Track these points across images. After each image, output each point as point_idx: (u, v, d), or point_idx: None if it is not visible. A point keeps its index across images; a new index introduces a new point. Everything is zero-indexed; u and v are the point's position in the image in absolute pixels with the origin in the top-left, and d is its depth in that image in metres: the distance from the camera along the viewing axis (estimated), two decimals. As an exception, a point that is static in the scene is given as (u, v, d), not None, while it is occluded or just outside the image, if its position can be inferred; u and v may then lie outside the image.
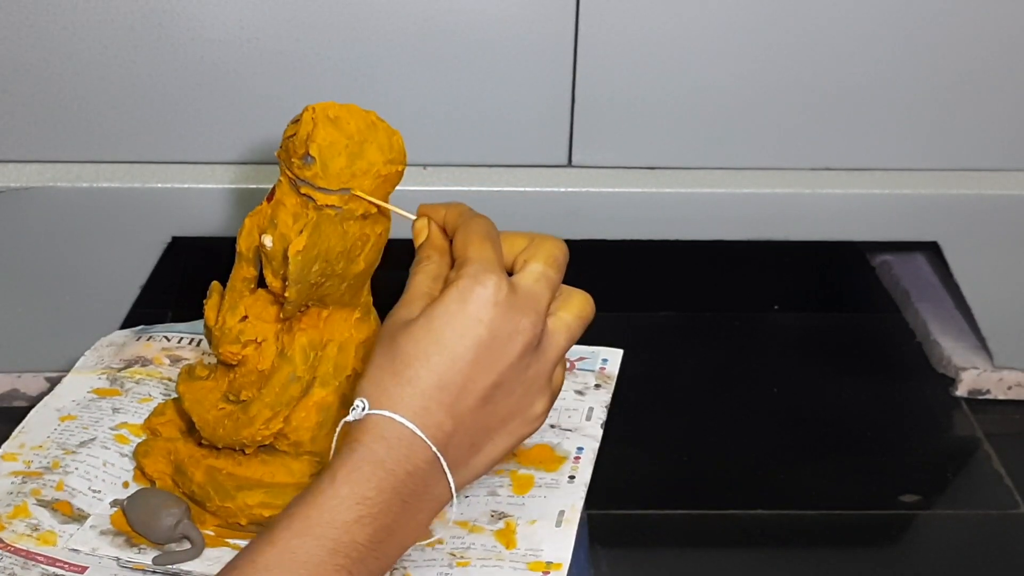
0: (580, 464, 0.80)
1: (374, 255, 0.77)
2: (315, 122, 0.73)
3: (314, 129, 0.73)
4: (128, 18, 1.09)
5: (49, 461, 0.83)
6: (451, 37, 1.11)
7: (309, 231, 0.73)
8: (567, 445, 0.82)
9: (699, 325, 1.36)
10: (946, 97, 1.16)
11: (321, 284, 0.75)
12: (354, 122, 0.74)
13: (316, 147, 0.73)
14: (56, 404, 0.89)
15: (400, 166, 0.74)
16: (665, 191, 1.16)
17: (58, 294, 1.16)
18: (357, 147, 0.73)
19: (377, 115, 0.75)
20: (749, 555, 1.06)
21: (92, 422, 0.87)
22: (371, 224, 0.75)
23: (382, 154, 0.74)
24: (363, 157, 0.73)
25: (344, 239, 0.74)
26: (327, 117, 0.74)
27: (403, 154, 0.75)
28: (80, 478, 0.82)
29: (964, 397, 1.25)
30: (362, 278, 0.77)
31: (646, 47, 1.13)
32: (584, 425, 0.83)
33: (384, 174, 0.74)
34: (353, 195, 0.73)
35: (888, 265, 1.44)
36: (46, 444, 0.85)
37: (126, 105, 1.12)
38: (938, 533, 1.08)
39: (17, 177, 1.12)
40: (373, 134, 0.74)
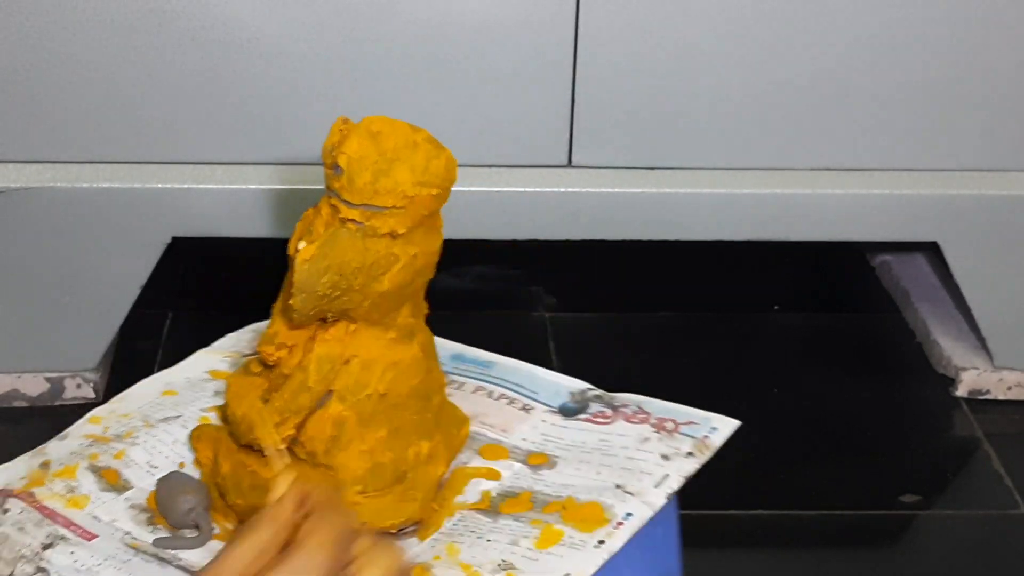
0: (619, 531, 0.76)
1: (405, 276, 0.75)
2: (344, 133, 0.73)
3: (345, 141, 0.72)
4: (129, 18, 1.09)
5: (125, 430, 0.84)
6: (451, 38, 1.11)
7: (321, 241, 0.73)
8: (619, 508, 0.77)
9: (699, 325, 1.36)
10: (946, 97, 1.16)
11: (336, 297, 0.74)
12: (394, 139, 0.73)
13: (345, 159, 0.72)
14: (168, 378, 0.90)
15: (434, 190, 0.73)
16: (665, 191, 1.16)
17: (58, 294, 1.16)
18: (386, 164, 0.72)
19: (428, 135, 0.74)
20: (749, 555, 1.06)
21: (188, 401, 0.87)
22: (402, 244, 0.74)
23: (412, 175, 0.72)
24: (390, 175, 0.72)
25: (364, 255, 0.73)
26: (368, 131, 0.73)
27: (440, 178, 0.73)
28: (143, 451, 0.83)
29: (964, 397, 1.25)
30: (390, 298, 0.75)
31: (646, 48, 1.13)
32: (649, 491, 0.78)
33: (411, 195, 0.72)
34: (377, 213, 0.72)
35: (888, 265, 1.45)
36: (133, 414, 0.86)
37: (126, 106, 1.12)
38: (938, 533, 1.08)
39: (17, 177, 1.12)
40: (409, 153, 0.73)
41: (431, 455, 0.78)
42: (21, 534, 0.78)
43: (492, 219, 1.16)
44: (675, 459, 0.80)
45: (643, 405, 0.85)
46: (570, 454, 0.82)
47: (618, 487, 0.78)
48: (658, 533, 0.79)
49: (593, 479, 0.79)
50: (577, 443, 0.82)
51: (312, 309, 0.74)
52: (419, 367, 0.77)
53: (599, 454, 0.81)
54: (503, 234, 1.17)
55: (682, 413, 0.84)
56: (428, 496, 0.78)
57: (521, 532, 0.76)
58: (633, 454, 0.80)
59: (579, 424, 0.84)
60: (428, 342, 0.79)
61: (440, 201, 0.74)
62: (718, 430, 0.83)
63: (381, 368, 0.76)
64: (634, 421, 0.84)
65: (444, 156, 0.74)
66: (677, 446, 0.81)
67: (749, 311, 1.38)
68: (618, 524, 0.76)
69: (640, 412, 0.84)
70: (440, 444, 0.79)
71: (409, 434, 0.77)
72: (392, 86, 1.12)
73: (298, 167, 1.14)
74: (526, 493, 0.79)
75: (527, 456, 0.82)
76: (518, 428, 0.84)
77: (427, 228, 0.75)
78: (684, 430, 0.82)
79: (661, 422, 0.83)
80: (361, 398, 0.76)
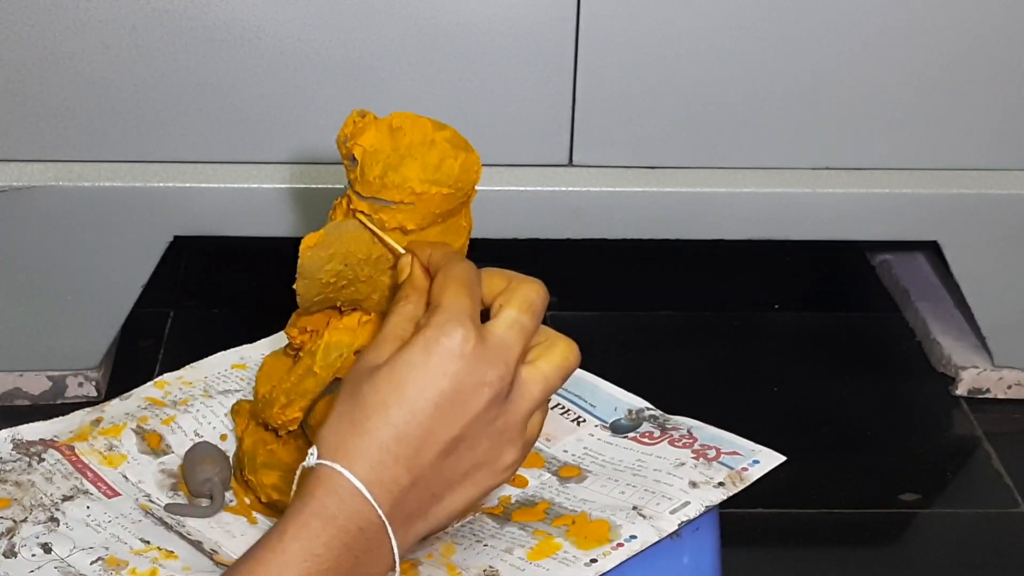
0: (616, 552, 0.74)
1: None
2: (357, 125, 0.73)
3: (363, 133, 0.72)
4: (130, 18, 1.09)
5: (183, 397, 0.86)
6: (452, 36, 1.11)
7: (327, 230, 0.73)
8: (625, 529, 0.76)
9: (699, 325, 1.36)
10: (946, 96, 1.16)
11: (342, 287, 0.74)
12: (412, 135, 0.73)
13: (360, 151, 0.72)
14: (243, 352, 0.91)
15: (445, 189, 0.72)
16: (665, 191, 1.16)
17: (60, 293, 1.16)
18: (398, 159, 0.72)
19: (453, 135, 0.74)
20: (749, 554, 1.06)
21: (254, 377, 0.88)
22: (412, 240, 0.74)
23: (422, 172, 0.72)
24: (399, 171, 0.72)
25: (370, 247, 0.73)
26: (389, 125, 0.73)
27: (452, 178, 0.73)
28: (193, 419, 0.85)
29: (964, 396, 1.25)
30: None
31: (647, 47, 1.13)
32: (663, 516, 0.77)
33: (419, 192, 0.72)
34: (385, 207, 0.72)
35: (888, 264, 1.45)
36: (196, 383, 0.88)
37: (128, 104, 1.12)
38: (938, 532, 1.08)
39: (19, 176, 1.13)
40: (423, 151, 0.73)
41: None
42: (47, 484, 0.80)
43: (493, 218, 1.16)
44: (703, 487, 0.78)
45: (693, 430, 0.83)
46: (604, 471, 0.81)
47: (634, 508, 0.77)
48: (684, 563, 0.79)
49: (616, 497, 0.78)
50: (615, 460, 0.82)
51: (316, 296, 0.74)
52: None
53: (630, 473, 0.80)
54: (504, 233, 1.17)
55: (728, 442, 0.82)
56: None
57: (520, 541, 0.76)
58: (663, 477, 0.79)
59: (625, 442, 0.83)
60: None
61: (453, 201, 0.74)
62: (760, 463, 0.81)
63: None
64: (677, 445, 0.82)
65: (463, 157, 0.73)
66: (711, 475, 0.79)
67: (749, 311, 1.38)
68: (617, 545, 0.74)
69: (687, 437, 0.83)
70: None
71: None
72: (393, 85, 1.12)
73: (300, 166, 1.14)
74: (544, 503, 0.79)
75: (560, 467, 0.82)
76: (564, 439, 0.84)
77: (445, 227, 0.75)
78: (724, 459, 0.80)
79: (704, 449, 0.81)
80: None
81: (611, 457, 0.82)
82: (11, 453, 0.83)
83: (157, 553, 0.76)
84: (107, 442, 0.83)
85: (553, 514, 0.78)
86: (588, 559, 0.74)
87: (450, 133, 0.74)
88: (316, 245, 0.73)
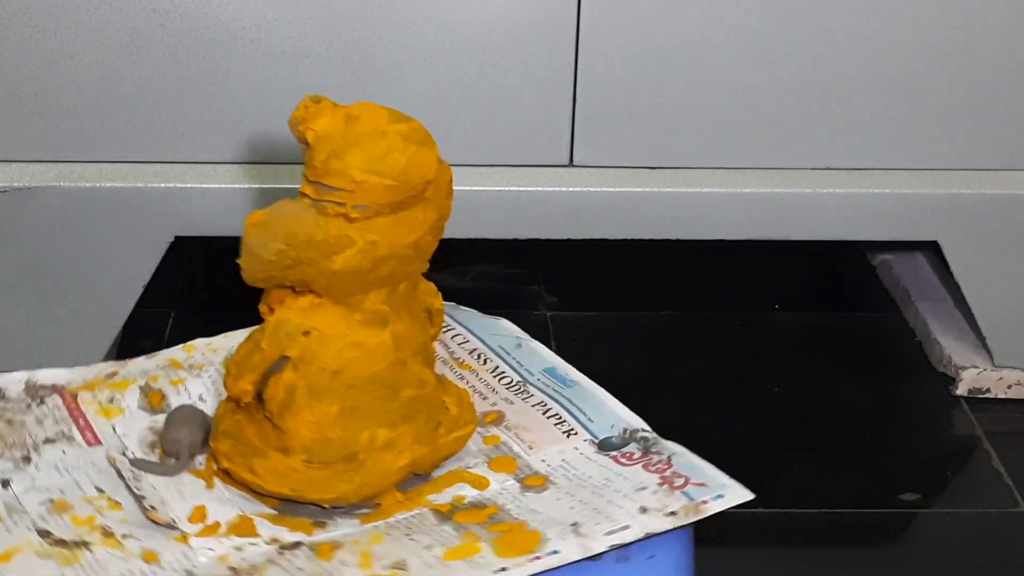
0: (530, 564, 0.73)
1: (361, 262, 0.75)
2: (308, 108, 0.74)
3: (316, 117, 0.74)
4: (131, 18, 1.09)
5: (201, 363, 0.88)
6: (452, 36, 1.11)
7: (271, 209, 0.74)
8: (552, 544, 0.74)
9: (699, 325, 1.36)
10: (947, 96, 1.16)
11: (287, 267, 0.75)
12: (365, 124, 0.74)
13: (313, 135, 0.74)
14: None
15: (387, 180, 0.73)
16: (665, 191, 1.17)
17: (60, 293, 1.16)
18: (343, 147, 0.73)
19: (412, 129, 0.74)
20: (749, 554, 1.06)
21: None
22: (359, 229, 0.74)
23: (364, 162, 0.73)
24: (342, 158, 0.73)
25: (314, 230, 0.74)
26: (347, 113, 0.74)
27: (397, 171, 0.73)
28: (201, 385, 0.86)
29: (964, 396, 1.25)
30: (348, 279, 0.76)
31: (647, 47, 1.13)
32: (596, 536, 0.75)
33: (358, 180, 0.73)
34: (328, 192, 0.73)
35: (888, 264, 1.45)
36: (221, 351, 0.89)
37: (129, 105, 1.12)
38: (937, 531, 1.08)
39: (20, 177, 1.13)
40: (371, 141, 0.74)
41: (389, 444, 0.79)
42: (36, 426, 0.82)
43: (493, 218, 1.16)
44: (652, 514, 0.77)
45: (674, 456, 0.82)
46: (568, 484, 0.80)
47: (573, 524, 0.76)
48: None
49: (563, 512, 0.77)
50: (583, 476, 0.81)
51: (260, 273, 0.76)
52: (385, 355, 0.78)
53: (590, 491, 0.79)
54: (504, 233, 1.18)
55: (701, 472, 0.80)
56: (378, 483, 0.78)
57: (445, 540, 0.75)
58: (618, 499, 0.78)
59: (603, 460, 0.83)
60: (410, 336, 0.79)
61: (398, 194, 0.74)
62: (724, 498, 0.79)
63: (339, 346, 0.77)
64: (650, 469, 0.81)
65: (412, 151, 0.74)
66: (667, 503, 0.77)
67: (749, 311, 1.39)
68: (534, 558, 0.73)
69: (665, 463, 0.82)
70: (406, 437, 0.79)
71: (365, 418, 0.78)
72: (393, 85, 1.12)
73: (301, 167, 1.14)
74: (492, 508, 0.79)
75: (528, 476, 0.82)
76: (547, 449, 0.84)
77: (396, 220, 0.75)
78: (689, 489, 0.79)
79: (674, 476, 0.80)
80: (313, 370, 0.77)
81: (582, 472, 0.81)
82: (19, 394, 0.86)
83: (105, 503, 0.78)
84: (111, 394, 0.84)
85: (496, 519, 0.77)
86: (500, 566, 0.73)
87: (407, 127, 0.75)
88: (259, 223, 0.74)
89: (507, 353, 0.93)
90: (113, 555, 0.74)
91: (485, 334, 0.95)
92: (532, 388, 0.89)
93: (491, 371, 0.90)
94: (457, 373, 0.91)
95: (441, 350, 0.92)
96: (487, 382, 0.90)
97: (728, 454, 1.16)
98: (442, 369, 0.90)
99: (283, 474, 0.78)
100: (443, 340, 0.94)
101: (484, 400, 0.88)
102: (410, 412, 0.80)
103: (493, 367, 0.91)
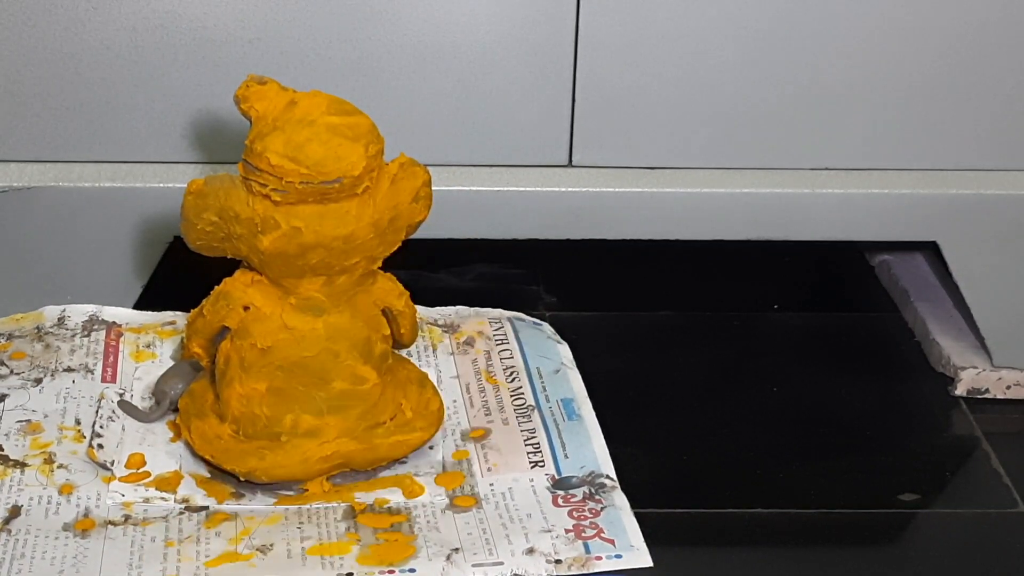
0: None
1: (286, 246, 0.76)
2: (250, 87, 0.75)
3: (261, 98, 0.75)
4: (131, 19, 1.09)
5: None
6: (452, 37, 1.11)
7: (207, 179, 0.76)
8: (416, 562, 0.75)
9: (699, 325, 1.36)
10: (946, 97, 1.16)
11: (221, 238, 0.77)
12: (300, 111, 0.75)
13: (254, 114, 0.75)
14: None
15: (303, 169, 0.73)
16: (665, 191, 1.17)
17: (60, 294, 1.16)
18: (268, 130, 0.74)
19: (350, 124, 0.75)
20: (749, 554, 1.06)
21: None
22: (283, 213, 0.75)
23: (282, 147, 0.74)
24: (263, 141, 0.74)
25: (243, 207, 0.75)
26: (291, 98, 0.75)
27: (312, 162, 0.74)
28: None
29: (963, 396, 1.25)
30: (277, 261, 0.77)
31: (647, 47, 1.13)
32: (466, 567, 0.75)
33: (274, 165, 0.74)
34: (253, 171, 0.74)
35: (887, 265, 1.45)
36: None
37: (129, 104, 1.12)
38: (937, 532, 1.08)
39: (19, 176, 1.13)
40: (296, 128, 0.74)
41: (312, 432, 0.79)
42: (67, 355, 0.88)
43: (492, 218, 1.16)
44: (535, 557, 0.76)
45: (607, 509, 0.81)
46: (494, 512, 0.80)
47: (455, 550, 0.76)
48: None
49: (459, 536, 0.77)
50: (513, 507, 0.81)
51: (198, 241, 0.77)
52: (315, 344, 0.79)
53: (504, 522, 0.79)
54: (503, 233, 1.18)
55: (618, 530, 0.80)
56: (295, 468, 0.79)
57: (326, 536, 0.76)
58: (517, 535, 0.77)
59: (546, 496, 0.82)
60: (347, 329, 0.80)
61: (314, 184, 0.74)
62: (620, 559, 0.79)
63: (271, 326, 0.78)
64: (573, 515, 0.81)
65: (335, 143, 0.75)
66: (559, 550, 0.77)
67: (749, 311, 1.38)
68: (387, 572, 0.74)
69: (594, 512, 0.81)
70: (332, 428, 0.80)
71: (291, 401, 0.79)
72: (393, 85, 1.12)
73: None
74: (402, 517, 0.79)
75: (464, 496, 0.82)
76: (503, 474, 0.84)
77: (324, 211, 0.76)
78: (592, 542, 0.78)
79: (592, 526, 0.80)
80: (245, 344, 0.79)
81: (516, 503, 0.81)
82: (76, 324, 0.92)
83: (72, 434, 0.82)
84: (151, 339, 0.87)
85: (395, 528, 0.78)
86: (348, 571, 0.74)
87: (342, 120, 0.76)
88: (196, 192, 0.76)
89: (540, 377, 0.92)
90: (38, 479, 0.79)
91: (533, 354, 0.94)
92: (536, 414, 0.88)
93: (512, 390, 0.90)
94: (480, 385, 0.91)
95: (482, 361, 0.92)
96: (501, 400, 0.89)
97: (728, 454, 1.17)
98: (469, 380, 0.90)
99: (209, 440, 0.80)
100: (489, 351, 0.94)
101: (486, 416, 0.88)
102: (340, 405, 0.80)
103: (516, 387, 0.90)
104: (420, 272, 1.40)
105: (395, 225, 0.79)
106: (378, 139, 0.77)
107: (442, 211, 1.17)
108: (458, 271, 1.41)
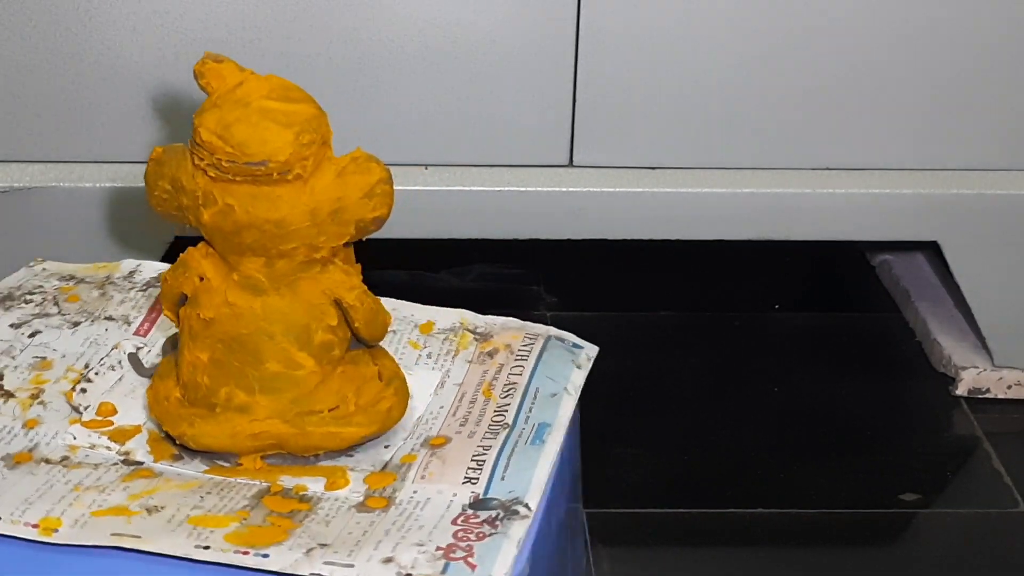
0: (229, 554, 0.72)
1: (222, 222, 0.77)
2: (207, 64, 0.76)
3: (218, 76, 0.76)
4: (130, 18, 1.09)
5: None
6: (453, 37, 1.11)
7: (165, 148, 0.77)
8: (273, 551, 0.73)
9: (699, 325, 1.36)
10: (947, 96, 1.16)
11: (177, 207, 0.78)
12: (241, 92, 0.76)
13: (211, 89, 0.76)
14: None
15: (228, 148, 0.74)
16: (665, 191, 1.17)
17: (60, 294, 1.17)
18: (207, 107, 0.75)
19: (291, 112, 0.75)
20: (749, 554, 1.06)
21: None
22: (219, 189, 0.76)
23: (213, 125, 0.75)
24: (200, 116, 0.75)
25: (189, 179, 0.76)
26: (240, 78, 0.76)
27: (239, 144, 0.74)
28: None
29: (964, 396, 1.25)
30: (219, 237, 0.78)
31: (647, 47, 1.13)
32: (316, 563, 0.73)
33: (204, 140, 0.74)
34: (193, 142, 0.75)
35: (888, 264, 1.45)
36: None
37: (129, 105, 1.12)
38: (937, 531, 1.08)
39: (20, 177, 1.13)
40: (232, 108, 0.75)
41: (243, 408, 0.80)
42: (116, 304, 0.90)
43: (493, 218, 1.16)
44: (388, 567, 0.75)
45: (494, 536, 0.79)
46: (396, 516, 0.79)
47: (323, 545, 0.74)
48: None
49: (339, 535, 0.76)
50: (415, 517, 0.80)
51: (158, 207, 0.79)
52: (251, 322, 0.79)
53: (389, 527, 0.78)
54: (504, 233, 1.18)
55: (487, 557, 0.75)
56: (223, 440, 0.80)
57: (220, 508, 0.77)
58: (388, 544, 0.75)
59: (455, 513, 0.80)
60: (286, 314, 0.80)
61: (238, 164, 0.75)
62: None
63: (215, 300, 0.80)
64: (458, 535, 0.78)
65: (262, 127, 0.75)
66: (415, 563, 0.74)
67: (749, 311, 1.39)
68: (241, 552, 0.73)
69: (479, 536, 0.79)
70: (263, 408, 0.80)
71: (228, 376, 0.80)
72: (392, 85, 1.12)
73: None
74: (305, 506, 0.79)
75: (378, 498, 0.81)
76: (432, 486, 0.82)
77: (256, 193, 0.76)
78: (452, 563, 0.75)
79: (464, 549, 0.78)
80: (193, 314, 0.80)
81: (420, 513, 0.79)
82: (144, 280, 0.93)
83: (75, 375, 0.84)
84: None
85: (287, 516, 0.77)
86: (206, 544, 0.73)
87: (282, 107, 0.76)
88: (155, 159, 0.78)
89: (533, 398, 0.90)
90: (12, 411, 0.81)
91: (541, 374, 0.93)
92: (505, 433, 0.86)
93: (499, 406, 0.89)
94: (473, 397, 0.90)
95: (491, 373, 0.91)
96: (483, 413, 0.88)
97: (728, 454, 1.17)
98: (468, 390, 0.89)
99: (158, 400, 0.81)
100: (503, 365, 0.92)
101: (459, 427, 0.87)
102: (273, 387, 0.81)
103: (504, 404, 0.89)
104: (421, 272, 1.40)
105: (340, 218, 0.79)
106: (316, 129, 0.77)
107: (442, 211, 1.17)
108: (459, 271, 1.42)
